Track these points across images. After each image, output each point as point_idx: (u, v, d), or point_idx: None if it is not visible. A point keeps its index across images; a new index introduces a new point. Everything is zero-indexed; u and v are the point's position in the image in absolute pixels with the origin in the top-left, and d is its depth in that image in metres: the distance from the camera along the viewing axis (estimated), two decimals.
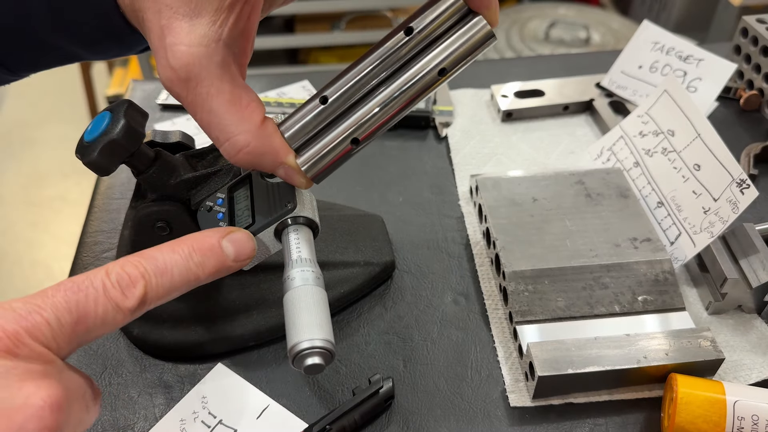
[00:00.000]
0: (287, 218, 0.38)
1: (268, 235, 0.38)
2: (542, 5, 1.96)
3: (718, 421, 0.41)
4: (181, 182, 0.42)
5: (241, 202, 0.40)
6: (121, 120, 0.37)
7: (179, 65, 0.34)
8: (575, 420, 0.45)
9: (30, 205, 1.90)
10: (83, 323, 0.29)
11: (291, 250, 0.37)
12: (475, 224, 0.58)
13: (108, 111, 0.39)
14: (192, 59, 0.34)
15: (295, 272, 0.35)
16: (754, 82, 0.71)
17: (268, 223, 0.38)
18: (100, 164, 0.38)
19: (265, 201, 0.39)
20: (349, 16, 1.91)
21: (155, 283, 0.32)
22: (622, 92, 0.70)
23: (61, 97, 2.25)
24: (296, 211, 0.38)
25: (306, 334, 0.32)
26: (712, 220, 0.50)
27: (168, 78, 0.34)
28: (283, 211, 0.38)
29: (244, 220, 0.39)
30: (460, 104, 0.72)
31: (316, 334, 0.32)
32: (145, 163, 0.40)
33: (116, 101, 0.39)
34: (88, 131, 0.39)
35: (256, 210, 0.39)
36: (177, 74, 0.34)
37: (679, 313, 0.49)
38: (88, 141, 0.38)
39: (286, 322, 0.34)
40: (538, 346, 0.45)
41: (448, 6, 0.34)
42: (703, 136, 0.53)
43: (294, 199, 0.38)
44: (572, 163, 0.65)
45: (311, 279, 0.35)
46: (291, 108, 0.70)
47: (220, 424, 0.44)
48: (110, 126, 0.38)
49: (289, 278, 0.35)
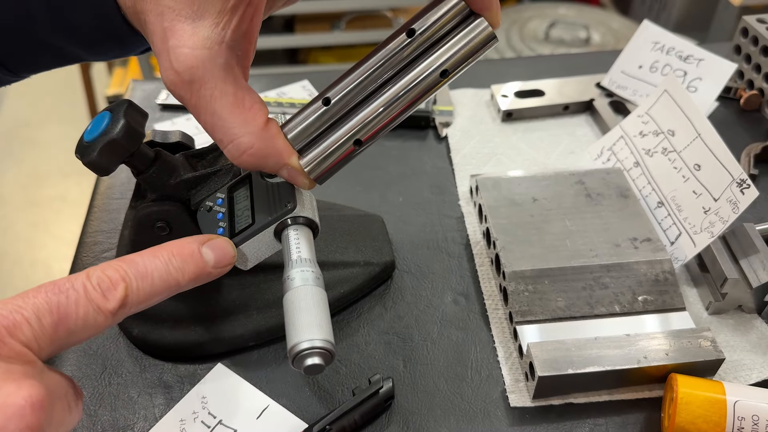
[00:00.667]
0: (287, 218, 0.38)
1: (268, 235, 0.38)
2: (542, 5, 1.96)
3: (719, 421, 0.41)
4: (181, 182, 0.42)
5: (240, 202, 0.40)
6: (121, 120, 0.37)
7: (183, 68, 0.34)
8: (575, 420, 0.45)
9: (30, 205, 1.90)
10: (64, 324, 0.29)
11: (291, 250, 0.37)
12: (475, 224, 0.58)
13: (108, 111, 0.39)
14: (195, 62, 0.34)
15: (295, 272, 0.35)
16: (754, 82, 0.71)
17: (268, 223, 0.38)
18: (100, 164, 0.38)
19: (265, 201, 0.39)
20: (349, 16, 1.91)
21: (136, 286, 0.32)
22: (622, 92, 0.70)
23: (61, 97, 2.25)
24: (296, 211, 0.38)
25: (306, 335, 0.32)
26: (712, 220, 0.50)
27: (171, 81, 0.34)
28: (284, 210, 0.38)
29: (244, 220, 0.39)
30: (460, 104, 0.72)
31: (315, 334, 0.32)
32: (145, 163, 0.40)
33: (116, 101, 0.39)
34: (87, 131, 0.38)
35: (256, 210, 0.39)
36: (180, 77, 0.34)
37: (679, 313, 0.49)
38: (87, 141, 0.38)
39: (286, 323, 0.34)
40: (538, 346, 0.45)
41: (450, 8, 0.34)
42: (703, 136, 0.53)
43: (294, 199, 0.38)
44: (572, 163, 0.65)
45: (311, 279, 0.35)
46: (291, 108, 0.70)
47: (220, 425, 0.44)
48: (110, 126, 0.37)
49: (289, 278, 0.35)
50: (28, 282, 1.69)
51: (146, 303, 0.33)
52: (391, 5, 1.87)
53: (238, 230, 0.39)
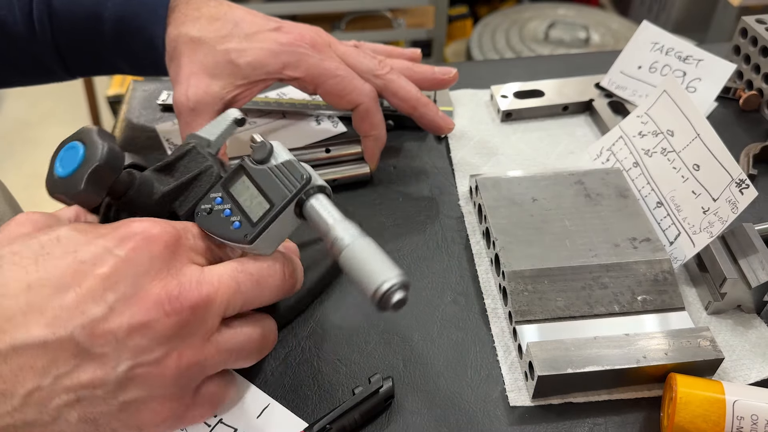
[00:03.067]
0: (309, 188, 0.38)
1: (290, 212, 0.39)
2: (542, 5, 1.96)
3: (718, 421, 0.41)
4: (163, 196, 0.40)
5: (243, 193, 0.40)
6: (100, 144, 0.36)
7: (193, 99, 0.52)
8: (575, 419, 0.45)
9: (30, 205, 1.89)
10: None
11: (323, 216, 0.38)
12: (475, 224, 0.58)
13: (77, 141, 0.37)
14: (203, 99, 0.52)
15: (340, 232, 0.36)
16: (753, 83, 0.71)
17: (289, 200, 0.38)
18: (88, 196, 0.36)
19: (273, 183, 0.39)
20: (349, 16, 1.92)
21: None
22: (622, 92, 0.70)
23: (61, 97, 2.25)
24: (312, 180, 0.38)
25: (382, 276, 0.34)
26: (711, 220, 0.51)
27: (182, 102, 0.52)
28: (301, 183, 0.38)
29: (258, 206, 0.39)
30: (459, 104, 0.72)
31: (390, 273, 0.34)
32: (125, 185, 0.39)
33: (80, 129, 0.38)
34: (59, 166, 0.37)
35: (269, 194, 0.39)
36: (188, 104, 0.52)
37: (678, 312, 0.49)
38: (64, 176, 0.37)
39: (356, 277, 0.35)
40: (538, 346, 0.45)
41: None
42: (702, 136, 0.53)
43: (306, 171, 0.39)
44: (572, 163, 0.65)
45: (358, 233, 0.36)
46: (291, 108, 0.70)
47: (221, 424, 0.44)
48: (89, 153, 0.36)
49: (337, 239, 0.36)
50: None
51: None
52: (391, 6, 1.88)
53: (256, 219, 0.38)
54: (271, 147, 0.40)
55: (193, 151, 0.42)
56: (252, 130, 0.69)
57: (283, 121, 0.70)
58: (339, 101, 0.55)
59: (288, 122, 0.70)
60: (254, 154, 0.40)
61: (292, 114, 0.71)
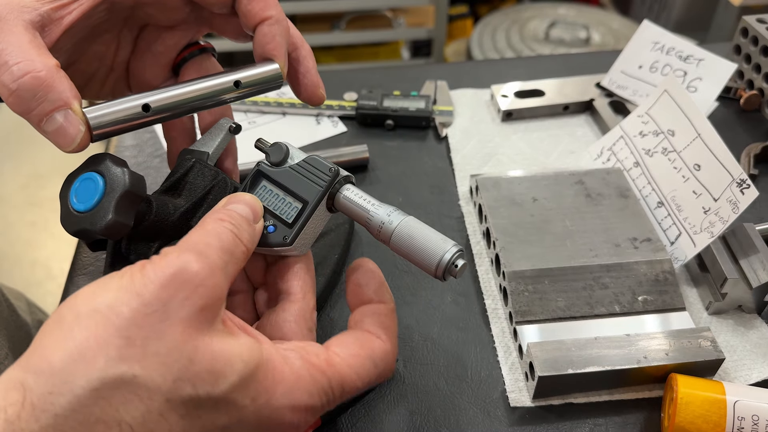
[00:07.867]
0: (340, 178, 0.39)
1: (323, 207, 0.39)
2: (542, 5, 1.96)
3: (718, 421, 0.41)
4: (181, 216, 0.39)
5: (268, 198, 0.39)
6: (119, 170, 0.35)
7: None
8: (575, 420, 0.45)
9: (30, 205, 1.90)
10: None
11: (360, 204, 0.38)
12: (475, 224, 0.58)
13: (91, 171, 0.36)
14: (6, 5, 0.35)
15: (383, 216, 0.37)
16: (754, 82, 0.71)
17: (322, 194, 0.38)
18: (118, 225, 0.34)
19: (299, 182, 0.39)
20: (349, 16, 1.91)
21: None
22: (622, 92, 0.70)
23: None
24: (341, 172, 0.39)
25: (440, 249, 0.36)
26: (712, 220, 0.50)
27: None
28: (331, 176, 0.38)
29: (289, 207, 0.38)
30: (460, 104, 0.72)
31: (446, 244, 0.36)
32: (145, 211, 0.37)
33: (88, 159, 0.36)
34: (76, 201, 0.35)
35: (299, 193, 0.39)
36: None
37: (679, 313, 0.49)
38: (85, 209, 0.35)
39: (414, 254, 0.37)
40: (538, 346, 0.45)
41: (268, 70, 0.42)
42: (703, 136, 0.53)
43: (332, 164, 0.39)
44: (572, 163, 0.65)
45: (399, 213, 0.38)
46: (291, 108, 0.70)
47: None
48: (110, 181, 0.35)
49: (383, 223, 0.37)
50: (28, 282, 1.69)
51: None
52: (391, 5, 1.88)
53: (291, 219, 0.38)
54: (287, 147, 0.40)
55: (197, 166, 0.41)
56: (252, 130, 0.69)
57: (284, 121, 0.70)
58: None
59: (288, 122, 0.70)
60: (270, 157, 0.40)
61: (292, 114, 0.71)
